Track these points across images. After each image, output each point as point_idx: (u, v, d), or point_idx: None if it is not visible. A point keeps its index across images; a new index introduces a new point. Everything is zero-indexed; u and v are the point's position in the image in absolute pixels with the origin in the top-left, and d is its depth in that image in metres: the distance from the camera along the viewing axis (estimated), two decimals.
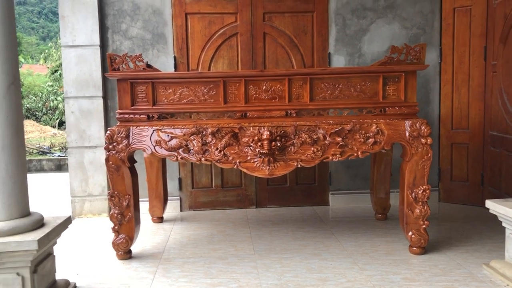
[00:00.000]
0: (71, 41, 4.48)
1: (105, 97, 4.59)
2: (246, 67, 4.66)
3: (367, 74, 3.32)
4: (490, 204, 3.05)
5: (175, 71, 4.61)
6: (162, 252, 3.56)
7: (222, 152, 3.27)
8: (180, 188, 4.79)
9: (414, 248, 3.39)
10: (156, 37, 4.63)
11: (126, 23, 4.59)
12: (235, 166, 3.27)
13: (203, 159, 3.29)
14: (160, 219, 4.40)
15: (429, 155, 3.27)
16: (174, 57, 4.64)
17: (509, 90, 4.11)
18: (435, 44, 4.80)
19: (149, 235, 3.99)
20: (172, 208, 4.73)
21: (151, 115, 3.34)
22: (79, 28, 4.47)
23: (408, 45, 3.28)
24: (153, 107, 3.34)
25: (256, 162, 3.26)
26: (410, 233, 3.36)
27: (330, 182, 4.88)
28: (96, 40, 4.49)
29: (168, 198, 4.52)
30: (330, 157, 3.26)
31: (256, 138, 3.21)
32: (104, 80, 4.56)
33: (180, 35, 4.63)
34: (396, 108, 3.32)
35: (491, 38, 4.43)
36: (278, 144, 3.20)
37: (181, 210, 4.79)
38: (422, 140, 3.25)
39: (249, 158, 3.27)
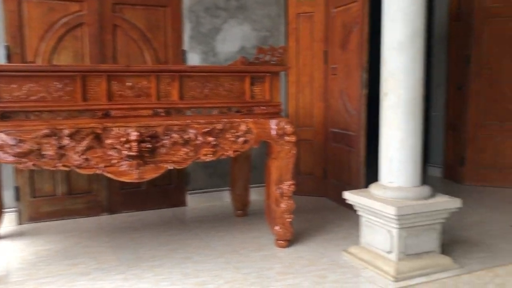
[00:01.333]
0: None
1: None
2: (95, 60, 4.26)
3: (235, 74, 3.32)
4: (347, 195, 3.34)
5: (8, 62, 3.97)
6: (7, 275, 3.03)
7: (83, 156, 2.93)
8: (18, 198, 4.14)
9: (281, 242, 3.52)
10: None
11: None
12: (99, 171, 2.96)
13: (60, 165, 2.89)
14: None
15: (293, 152, 3.43)
16: (7, 46, 3.98)
17: (348, 91, 4.57)
18: None
19: None
20: (7, 222, 4.05)
21: None
22: None
23: (273, 47, 3.39)
24: None
25: (124, 166, 3.00)
26: (277, 227, 3.49)
27: (187, 182, 4.78)
28: None
29: (3, 210, 3.87)
30: (203, 157, 3.18)
31: (123, 139, 2.95)
32: None
33: (13, 22, 3.99)
34: (263, 107, 3.40)
35: (330, 43, 4.86)
36: (149, 145, 2.99)
37: (20, 223, 4.14)
38: (286, 138, 3.40)
39: (115, 161, 2.99)
